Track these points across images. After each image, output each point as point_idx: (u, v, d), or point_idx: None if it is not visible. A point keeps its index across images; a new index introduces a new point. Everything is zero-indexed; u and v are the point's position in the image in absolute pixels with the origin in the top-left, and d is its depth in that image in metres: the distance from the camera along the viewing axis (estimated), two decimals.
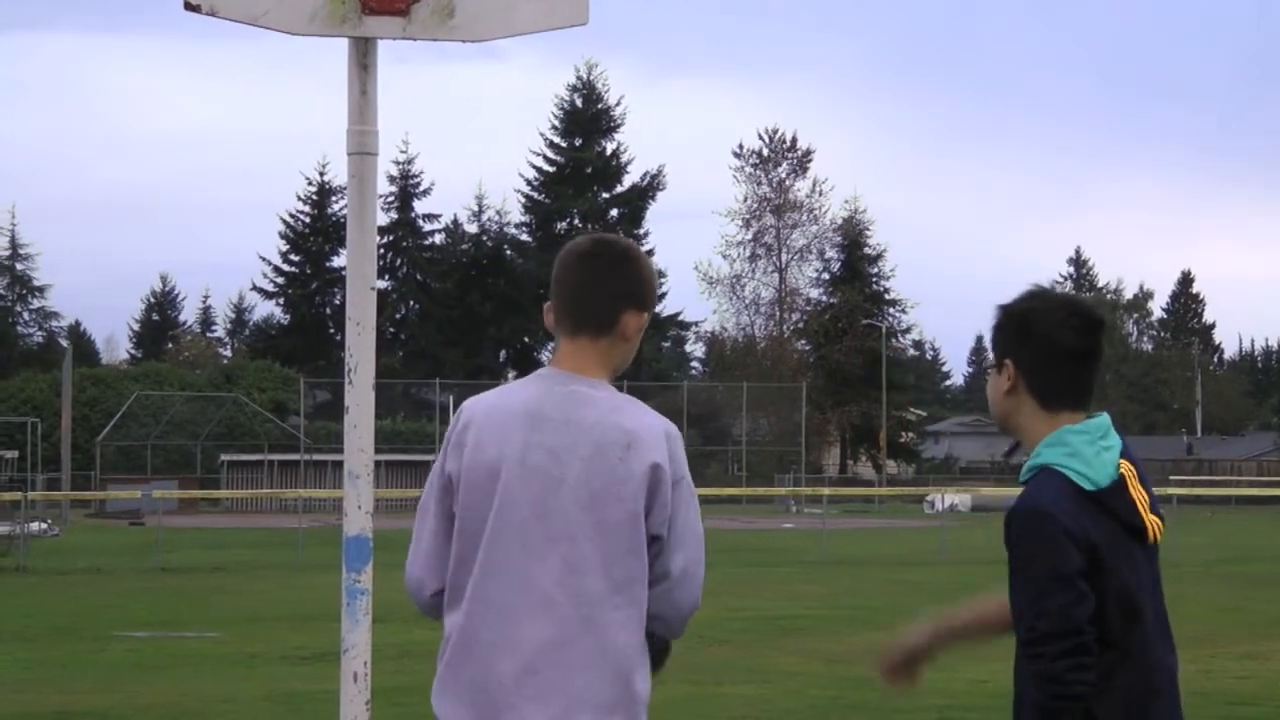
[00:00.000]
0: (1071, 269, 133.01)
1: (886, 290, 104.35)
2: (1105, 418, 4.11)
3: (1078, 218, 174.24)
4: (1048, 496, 3.96)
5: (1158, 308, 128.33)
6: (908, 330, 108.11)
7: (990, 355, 4.18)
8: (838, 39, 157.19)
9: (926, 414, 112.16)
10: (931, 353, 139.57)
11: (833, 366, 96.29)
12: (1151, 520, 4.02)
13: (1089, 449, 4.01)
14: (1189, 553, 33.85)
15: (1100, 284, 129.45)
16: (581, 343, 4.33)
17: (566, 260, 4.37)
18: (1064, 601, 3.86)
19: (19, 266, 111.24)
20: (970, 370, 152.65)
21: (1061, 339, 4.05)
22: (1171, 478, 71.27)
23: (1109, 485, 3.98)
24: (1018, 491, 4.04)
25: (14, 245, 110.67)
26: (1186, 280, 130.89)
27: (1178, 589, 21.83)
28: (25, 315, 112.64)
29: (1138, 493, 4.01)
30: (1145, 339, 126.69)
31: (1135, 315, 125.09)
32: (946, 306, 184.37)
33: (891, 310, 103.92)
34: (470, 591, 4.11)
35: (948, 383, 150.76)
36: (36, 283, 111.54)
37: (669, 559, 4.10)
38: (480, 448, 4.14)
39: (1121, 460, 4.03)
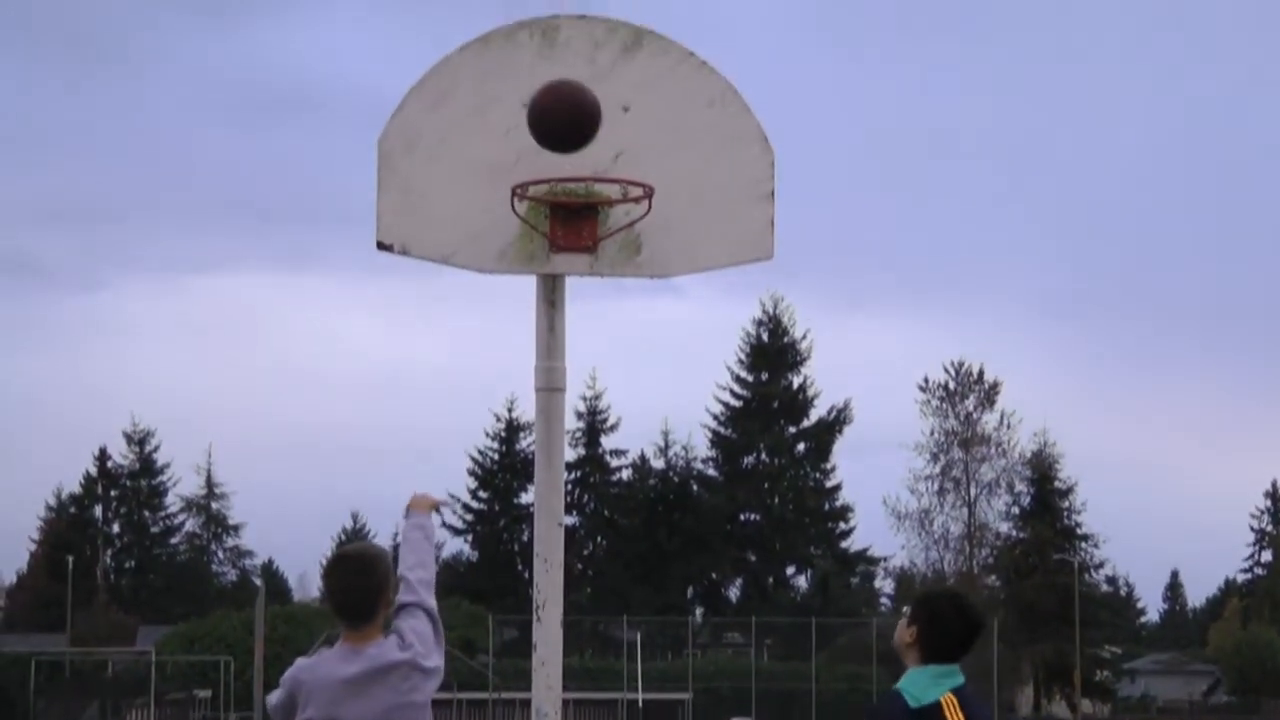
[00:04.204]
0: (1268, 502, 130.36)
1: (1078, 525, 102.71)
2: (955, 666, 6.17)
3: (1274, 450, 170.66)
4: (880, 707, 6.10)
5: None
6: (1100, 565, 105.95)
7: (911, 619, 6.33)
8: (1023, 269, 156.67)
9: (1121, 651, 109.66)
10: (1125, 588, 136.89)
11: (1024, 603, 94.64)
12: None
13: (925, 681, 6.03)
14: None
15: None
16: (361, 628, 6.28)
17: (328, 576, 6.38)
18: None
19: (214, 505, 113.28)
20: (1165, 606, 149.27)
21: (952, 627, 6.17)
22: None
23: (928, 705, 5.96)
24: None
25: (210, 484, 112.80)
26: None
27: None
28: (220, 554, 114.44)
29: (953, 714, 5.95)
30: None
31: None
32: (1139, 540, 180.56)
33: (1084, 545, 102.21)
34: None
35: (1143, 619, 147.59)
36: (231, 521, 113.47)
37: None
38: (306, 704, 6.41)
39: (949, 692, 6.01)
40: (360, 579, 6.24)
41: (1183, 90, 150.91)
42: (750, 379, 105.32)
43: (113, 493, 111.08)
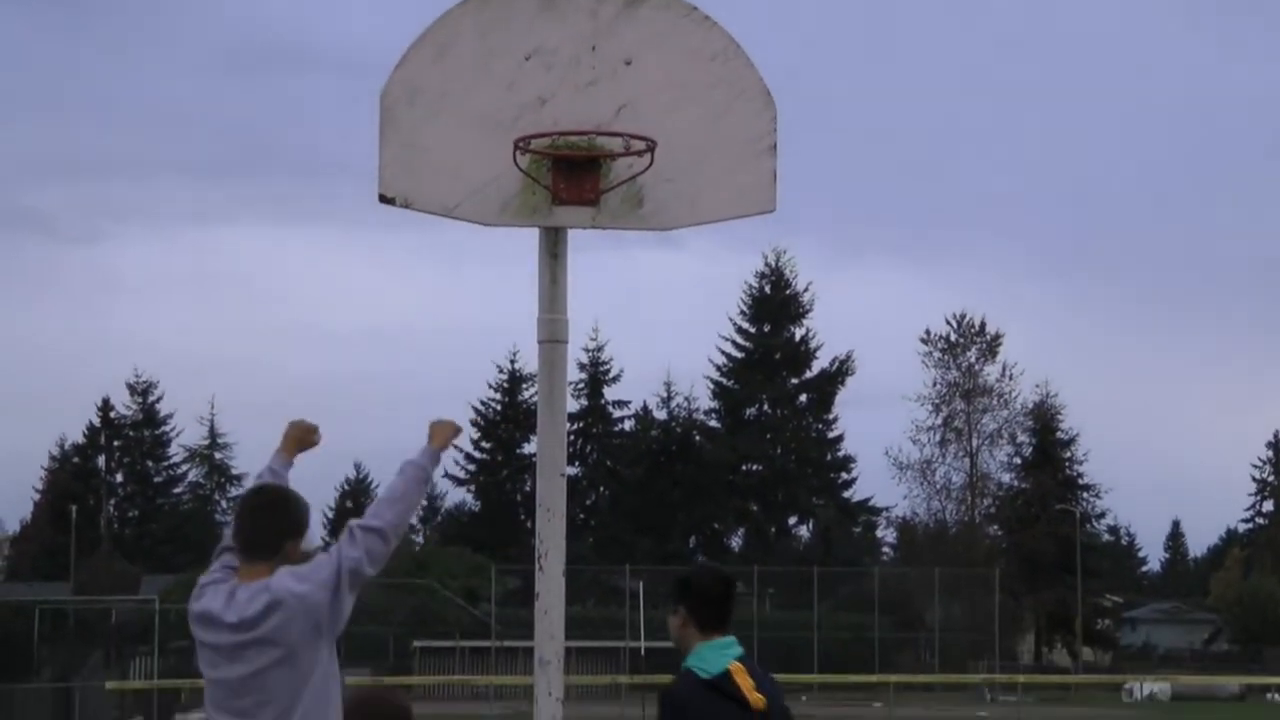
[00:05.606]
0: (1270, 452, 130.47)
1: (1080, 475, 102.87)
2: (731, 638, 6.77)
3: (1276, 400, 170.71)
4: (676, 685, 6.67)
5: None
6: (1102, 515, 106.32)
7: (675, 604, 6.79)
8: (1025, 221, 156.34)
9: (1122, 600, 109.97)
10: (1127, 538, 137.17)
11: (1026, 552, 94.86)
12: (754, 695, 6.53)
13: (711, 654, 6.62)
14: None
15: None
16: (257, 564, 6.18)
17: (239, 509, 6.41)
18: None
19: (217, 455, 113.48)
20: (1166, 555, 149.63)
21: (710, 589, 6.74)
22: None
23: (719, 674, 6.56)
24: (1218, 680, 5.17)
25: (213, 435, 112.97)
26: None
27: None
28: (223, 504, 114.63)
29: (743, 679, 6.56)
30: None
31: None
32: (1141, 490, 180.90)
33: (1085, 495, 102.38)
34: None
35: (1144, 568, 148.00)
36: (234, 471, 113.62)
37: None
38: (195, 628, 6.24)
39: (734, 661, 6.62)
40: (264, 514, 6.42)
41: (1181, 46, 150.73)
42: (752, 331, 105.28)
43: (116, 443, 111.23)
